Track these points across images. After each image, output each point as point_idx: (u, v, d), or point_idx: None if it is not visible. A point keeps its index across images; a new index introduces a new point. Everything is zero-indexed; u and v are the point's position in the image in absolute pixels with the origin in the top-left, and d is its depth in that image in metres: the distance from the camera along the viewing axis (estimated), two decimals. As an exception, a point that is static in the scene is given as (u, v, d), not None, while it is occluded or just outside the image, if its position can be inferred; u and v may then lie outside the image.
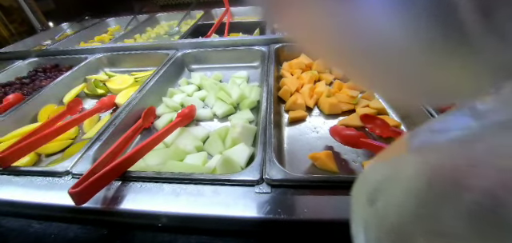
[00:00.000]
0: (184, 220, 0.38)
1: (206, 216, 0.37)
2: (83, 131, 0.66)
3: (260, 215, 0.36)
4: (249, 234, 0.37)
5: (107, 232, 0.40)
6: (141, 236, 0.38)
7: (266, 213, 0.36)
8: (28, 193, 0.44)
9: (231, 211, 0.37)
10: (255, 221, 0.36)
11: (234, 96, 0.65)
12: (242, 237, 0.37)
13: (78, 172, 0.46)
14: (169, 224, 0.38)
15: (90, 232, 0.40)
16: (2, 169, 0.49)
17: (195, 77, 0.78)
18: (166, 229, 0.38)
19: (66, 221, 0.42)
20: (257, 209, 0.37)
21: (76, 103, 0.73)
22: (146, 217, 0.39)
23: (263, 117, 0.53)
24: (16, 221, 0.44)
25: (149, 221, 0.39)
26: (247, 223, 0.37)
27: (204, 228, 0.38)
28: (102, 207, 0.40)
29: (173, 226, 0.38)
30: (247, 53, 0.82)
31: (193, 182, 0.41)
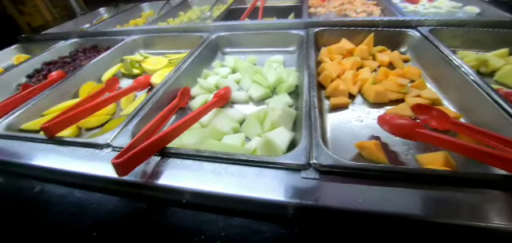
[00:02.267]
0: (226, 201, 0.36)
1: (249, 198, 0.35)
2: (121, 108, 0.67)
3: (308, 202, 0.33)
4: (294, 220, 0.34)
5: (146, 206, 0.39)
6: (180, 213, 0.36)
7: (315, 199, 0.33)
8: (71, 163, 0.45)
9: (276, 195, 0.34)
10: (302, 208, 0.33)
11: (270, 79, 0.62)
12: (286, 222, 0.34)
13: (117, 145, 0.46)
14: (209, 203, 0.37)
15: (129, 205, 0.40)
16: (48, 138, 0.50)
17: (229, 60, 0.76)
18: (206, 208, 0.36)
19: (106, 192, 0.42)
20: (304, 195, 0.34)
21: (113, 81, 0.74)
22: (186, 195, 0.37)
23: (306, 100, 0.49)
24: (59, 188, 0.45)
25: (188, 199, 0.38)
26: (293, 209, 0.34)
27: (246, 210, 0.35)
28: (141, 180, 0.39)
29: (213, 206, 0.36)
30: (283, 37, 0.78)
31: (235, 163, 0.39)
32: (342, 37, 0.73)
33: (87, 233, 0.37)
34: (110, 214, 0.39)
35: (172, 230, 0.35)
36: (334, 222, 0.33)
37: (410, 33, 0.71)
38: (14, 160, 0.49)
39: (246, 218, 0.35)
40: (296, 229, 0.34)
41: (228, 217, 0.35)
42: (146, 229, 0.36)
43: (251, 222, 0.34)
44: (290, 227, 0.34)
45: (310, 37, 0.71)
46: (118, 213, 0.39)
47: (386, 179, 0.35)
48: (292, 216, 0.34)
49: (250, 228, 0.34)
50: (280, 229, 0.34)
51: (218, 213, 0.36)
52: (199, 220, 0.36)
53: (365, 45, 0.70)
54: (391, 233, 0.32)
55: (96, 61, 0.85)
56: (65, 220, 0.40)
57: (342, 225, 0.33)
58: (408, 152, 0.47)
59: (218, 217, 0.35)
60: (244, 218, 0.35)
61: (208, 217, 0.36)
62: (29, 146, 0.51)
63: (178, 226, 0.35)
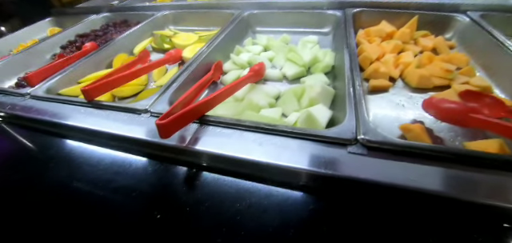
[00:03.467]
0: (268, 170, 0.35)
1: (292, 168, 0.34)
2: (152, 79, 0.68)
3: (358, 175, 0.32)
4: (338, 194, 0.33)
5: (184, 170, 0.39)
6: (219, 180, 0.36)
7: (364, 174, 0.32)
8: (110, 125, 0.45)
9: (322, 167, 0.33)
10: (349, 181, 0.32)
11: (306, 58, 0.60)
12: (330, 196, 0.33)
13: (155, 111, 0.46)
14: (249, 172, 0.36)
15: (168, 169, 0.40)
16: (87, 102, 0.51)
17: (261, 38, 0.74)
18: (246, 176, 0.36)
19: (144, 155, 0.42)
20: (351, 169, 0.32)
21: (145, 54, 0.75)
22: (227, 161, 0.37)
23: (348, 77, 0.47)
24: (97, 149, 0.45)
25: (228, 166, 0.37)
26: (339, 182, 0.32)
27: (289, 181, 0.34)
28: (181, 145, 0.39)
29: (254, 175, 0.36)
30: (317, 17, 0.75)
31: (277, 133, 0.37)
32: (381, 20, 0.69)
33: (125, 193, 0.37)
34: (148, 177, 0.39)
35: (210, 195, 0.35)
36: (383, 199, 0.32)
37: (458, 17, 0.66)
38: (56, 120, 0.50)
39: (288, 189, 0.34)
40: (340, 203, 0.32)
41: (269, 186, 0.34)
42: (183, 193, 0.36)
43: (293, 193, 0.33)
44: (334, 201, 0.33)
45: (347, 18, 0.67)
46: (156, 176, 0.39)
47: (440, 160, 0.33)
48: (337, 190, 0.33)
49: (293, 199, 0.33)
50: (323, 202, 0.33)
51: (259, 181, 0.35)
52: (240, 187, 0.35)
53: (407, 29, 0.65)
54: (443, 215, 0.30)
55: (127, 35, 0.85)
56: (101, 179, 0.40)
57: (390, 202, 0.32)
58: (455, 138, 0.44)
59: (258, 185, 0.35)
60: (286, 189, 0.34)
61: (249, 185, 0.35)
62: (69, 108, 0.52)
63: (218, 192, 0.35)
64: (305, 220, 0.31)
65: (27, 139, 0.53)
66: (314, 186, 0.34)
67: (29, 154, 0.49)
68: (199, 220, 0.32)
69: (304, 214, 0.32)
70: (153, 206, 0.35)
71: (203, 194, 0.35)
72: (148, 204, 0.36)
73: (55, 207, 0.38)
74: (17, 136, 0.55)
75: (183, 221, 0.33)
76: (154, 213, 0.34)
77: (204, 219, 0.32)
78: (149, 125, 0.44)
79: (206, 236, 0.31)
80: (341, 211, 0.32)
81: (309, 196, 0.33)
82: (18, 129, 0.57)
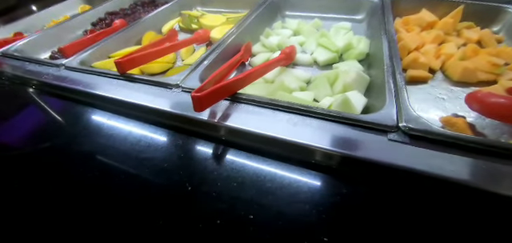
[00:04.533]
0: (304, 151, 0.34)
1: (329, 151, 0.32)
2: (181, 58, 0.68)
3: (398, 163, 0.30)
4: (374, 181, 0.31)
5: (215, 146, 0.38)
6: (251, 157, 0.35)
7: (405, 162, 0.30)
8: (142, 97, 0.46)
9: (359, 152, 0.31)
10: (390, 168, 0.30)
11: (339, 44, 0.58)
12: (366, 182, 0.31)
13: (186, 86, 0.46)
14: (282, 152, 0.35)
15: (198, 143, 0.39)
16: (120, 74, 0.52)
17: (291, 22, 0.72)
18: (279, 156, 0.35)
19: (174, 129, 0.42)
20: (392, 156, 0.31)
21: (173, 33, 0.75)
22: (260, 140, 0.36)
23: (387, 65, 0.44)
24: (128, 121, 0.46)
25: (261, 145, 0.36)
26: (377, 169, 0.31)
27: (323, 164, 0.33)
28: (213, 120, 0.38)
29: (287, 156, 0.35)
30: (351, 2, 0.72)
31: (312, 115, 0.36)
32: (421, 8, 0.65)
33: (156, 164, 0.38)
34: (179, 150, 0.39)
35: (242, 172, 0.34)
36: (425, 189, 0.30)
37: (509, 9, 0.61)
38: (89, 90, 0.52)
39: (321, 172, 0.33)
40: (377, 190, 0.31)
41: (303, 167, 0.33)
42: (214, 169, 0.36)
43: (327, 176, 0.32)
44: (371, 187, 0.31)
45: (385, 4, 0.64)
46: (187, 150, 0.39)
47: (490, 155, 0.31)
48: (374, 176, 0.32)
49: (326, 181, 0.32)
50: (359, 187, 0.31)
51: (292, 162, 0.34)
52: (272, 166, 0.34)
53: (450, 19, 0.61)
54: (492, 213, 0.28)
55: (156, 14, 0.86)
56: (132, 150, 0.41)
57: (433, 194, 0.30)
58: (500, 136, 0.41)
59: (292, 166, 0.34)
60: (320, 171, 0.33)
61: (282, 165, 0.34)
62: (102, 80, 0.54)
63: (249, 170, 0.34)
64: (339, 204, 0.30)
65: (61, 108, 0.55)
66: (350, 171, 0.32)
67: (61, 123, 0.51)
68: (231, 195, 0.32)
69: (338, 198, 0.30)
70: (184, 179, 0.35)
71: (234, 171, 0.35)
72: (179, 176, 0.36)
73: (86, 175, 0.39)
74: (51, 104, 0.57)
75: (215, 195, 0.32)
76: (185, 185, 0.34)
77: (235, 195, 0.32)
78: (180, 99, 0.44)
79: (238, 211, 0.30)
80: (377, 198, 0.30)
81: (343, 180, 0.32)
82: (53, 97, 0.59)
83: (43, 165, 0.42)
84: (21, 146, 0.48)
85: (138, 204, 0.33)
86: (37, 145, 0.48)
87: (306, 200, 0.30)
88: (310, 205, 0.30)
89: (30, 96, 0.62)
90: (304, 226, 0.28)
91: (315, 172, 0.33)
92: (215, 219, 0.30)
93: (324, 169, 0.33)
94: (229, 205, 0.31)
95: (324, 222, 0.29)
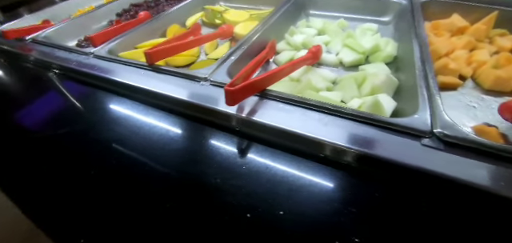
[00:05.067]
0: (334, 151, 0.34)
1: (360, 152, 0.32)
2: (204, 52, 0.69)
3: (433, 169, 0.29)
4: (407, 186, 0.31)
5: (244, 141, 0.39)
6: (280, 155, 0.36)
7: (441, 168, 0.29)
8: (171, 89, 0.47)
9: (393, 156, 0.31)
10: (423, 174, 0.30)
11: (366, 45, 0.57)
12: (399, 187, 0.31)
13: (214, 80, 0.46)
14: (312, 151, 0.35)
15: (227, 137, 0.40)
16: (148, 65, 0.53)
17: (315, 21, 0.71)
18: (309, 155, 0.35)
19: (201, 122, 0.43)
20: (426, 162, 0.30)
21: (197, 27, 0.76)
22: (290, 138, 0.36)
23: (419, 69, 0.44)
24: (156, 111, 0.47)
25: (290, 143, 0.36)
26: (412, 173, 0.31)
27: (354, 165, 0.33)
28: (240, 114, 0.39)
29: (317, 155, 0.35)
30: (378, 3, 0.71)
31: (343, 116, 0.36)
32: (452, 12, 0.63)
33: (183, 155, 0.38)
34: (208, 143, 0.40)
35: (271, 169, 0.34)
36: (459, 197, 0.29)
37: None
38: (118, 79, 0.53)
39: (352, 173, 0.33)
40: (408, 195, 0.30)
41: (332, 167, 0.33)
42: (242, 163, 0.36)
43: (357, 178, 0.32)
44: (402, 192, 0.31)
45: (415, 7, 0.62)
46: (216, 143, 0.40)
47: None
48: (405, 180, 0.31)
49: (356, 183, 0.32)
50: (392, 191, 0.31)
51: (321, 162, 0.34)
52: (301, 165, 0.34)
53: (483, 25, 0.59)
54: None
55: (180, 7, 0.87)
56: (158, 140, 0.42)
57: (468, 202, 0.29)
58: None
59: (321, 166, 0.34)
60: (350, 173, 0.33)
61: (311, 164, 0.34)
62: (130, 69, 0.55)
63: (278, 167, 0.35)
64: (371, 206, 0.30)
65: (90, 95, 0.57)
66: (383, 174, 0.32)
67: (89, 109, 0.53)
68: (260, 190, 0.32)
69: (370, 200, 0.30)
70: (213, 171, 0.35)
71: (263, 167, 0.35)
72: (208, 168, 0.36)
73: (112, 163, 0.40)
74: (80, 91, 0.59)
75: (244, 190, 0.33)
76: (215, 178, 0.34)
77: (265, 190, 0.32)
78: (209, 92, 0.44)
79: (268, 207, 0.31)
80: (410, 203, 0.30)
81: (374, 183, 0.32)
82: (82, 84, 0.61)
83: (73, 150, 0.44)
84: (53, 129, 0.50)
85: (165, 194, 0.34)
86: (67, 128, 0.49)
87: (338, 199, 0.30)
88: (341, 205, 0.30)
89: (60, 81, 0.65)
90: (335, 226, 0.28)
91: (347, 173, 0.33)
92: (245, 213, 0.30)
93: (356, 171, 0.33)
94: (258, 198, 0.31)
95: (355, 223, 0.28)
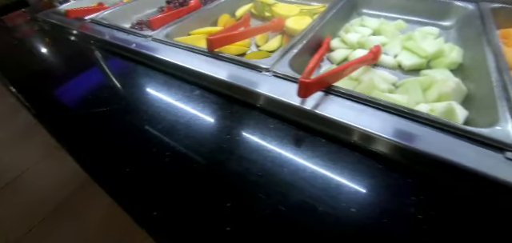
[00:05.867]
0: (407, 154, 0.33)
1: (438, 157, 0.31)
2: (255, 44, 0.70)
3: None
4: (489, 199, 0.30)
5: (309, 136, 0.39)
6: (349, 154, 0.36)
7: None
8: (233, 76, 0.48)
9: (474, 165, 0.30)
10: (508, 187, 0.29)
11: (429, 49, 0.55)
12: (480, 199, 0.30)
13: (277, 71, 0.47)
14: (384, 151, 0.35)
15: (293, 130, 0.40)
16: (208, 51, 0.55)
17: (369, 20, 0.69)
18: (379, 156, 0.35)
19: (265, 112, 0.44)
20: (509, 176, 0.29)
21: (247, 18, 0.77)
22: (360, 137, 0.36)
23: (496, 79, 0.41)
24: (215, 97, 0.49)
25: (360, 142, 0.36)
26: (494, 186, 0.29)
27: (428, 171, 0.32)
28: (310, 109, 0.39)
29: (388, 157, 0.34)
30: (441, 6, 0.67)
31: (416, 120, 0.35)
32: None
33: (246, 141, 0.39)
34: (270, 132, 0.41)
35: (339, 167, 0.35)
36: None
37: None
38: (179, 63, 0.55)
39: (427, 180, 0.32)
40: (489, 208, 0.29)
41: (406, 172, 0.33)
42: (307, 157, 0.36)
43: (434, 186, 0.31)
44: (483, 204, 0.30)
45: (484, 13, 0.59)
46: (279, 133, 0.40)
47: None
48: (487, 193, 0.30)
49: (433, 190, 0.31)
50: (470, 203, 0.30)
51: (390, 165, 0.33)
52: (370, 166, 0.34)
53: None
54: None
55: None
56: (219, 125, 0.43)
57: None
58: None
59: (390, 172, 0.33)
60: (424, 179, 0.32)
61: (379, 166, 0.34)
62: (189, 54, 0.57)
63: (345, 165, 0.35)
64: (448, 214, 0.29)
65: (149, 76, 0.60)
66: (460, 184, 0.31)
67: (147, 92, 0.55)
68: (329, 187, 0.33)
69: (447, 209, 0.29)
70: (276, 161, 0.36)
71: (330, 163, 0.35)
72: (270, 158, 0.37)
73: (170, 146, 0.42)
74: (140, 72, 0.62)
75: (311, 182, 0.33)
76: (283, 168, 0.35)
77: (334, 185, 0.32)
78: (271, 83, 0.45)
79: (338, 203, 0.31)
80: (490, 216, 0.29)
81: (452, 191, 0.31)
82: (141, 65, 0.64)
83: (136, 128, 0.46)
84: (119, 106, 0.53)
85: (223, 181, 0.35)
86: (130, 107, 0.52)
87: (410, 204, 0.30)
88: (410, 209, 0.29)
89: (119, 61, 0.68)
90: (408, 231, 0.28)
91: (420, 177, 0.32)
92: (317, 207, 0.31)
93: (429, 178, 0.32)
94: (328, 196, 0.32)
95: (435, 231, 0.28)
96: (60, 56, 0.81)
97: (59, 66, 0.75)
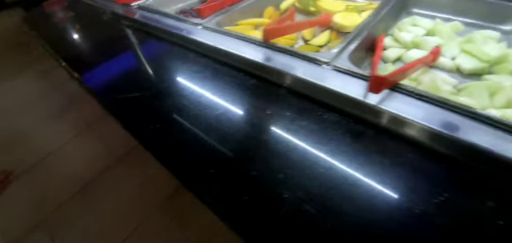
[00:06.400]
0: (483, 158, 0.32)
1: None
2: (302, 38, 0.70)
3: None
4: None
5: (374, 133, 0.39)
6: (421, 153, 0.35)
7: None
8: (293, 68, 0.48)
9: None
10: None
11: (492, 54, 0.53)
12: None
13: (337, 65, 0.47)
14: (456, 155, 0.34)
15: (358, 126, 0.40)
16: (263, 41, 0.56)
17: (423, 21, 0.67)
18: (452, 160, 0.34)
19: (325, 106, 0.44)
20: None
21: (292, 11, 0.77)
22: (434, 138, 0.36)
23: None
24: (270, 87, 0.50)
25: (433, 144, 0.36)
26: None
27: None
28: (376, 105, 0.39)
29: (459, 160, 0.34)
30: (500, 9, 0.64)
31: (493, 124, 0.34)
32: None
33: (309, 134, 0.40)
34: (331, 126, 0.41)
35: (407, 164, 0.34)
36: None
37: None
38: (234, 51, 0.56)
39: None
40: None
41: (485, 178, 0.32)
42: (374, 151, 0.36)
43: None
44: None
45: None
46: (342, 127, 0.40)
47: None
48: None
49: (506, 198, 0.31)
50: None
51: (462, 168, 0.33)
52: (442, 170, 0.34)
53: None
54: None
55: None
56: (280, 115, 0.44)
57: None
58: None
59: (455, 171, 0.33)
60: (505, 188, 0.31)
61: (446, 170, 0.33)
62: (242, 43, 0.58)
63: (417, 163, 0.34)
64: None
65: (201, 64, 0.61)
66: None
67: (198, 81, 0.57)
68: (403, 186, 0.33)
69: None
70: (343, 159, 0.36)
71: (400, 161, 0.35)
72: (338, 154, 0.37)
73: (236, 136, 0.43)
74: (190, 58, 0.64)
75: (387, 178, 0.33)
76: (349, 165, 0.35)
77: (408, 185, 0.32)
78: (332, 76, 0.45)
79: (411, 203, 0.31)
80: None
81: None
82: (191, 52, 0.66)
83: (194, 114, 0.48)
84: (172, 91, 0.55)
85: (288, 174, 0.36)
86: (183, 93, 0.54)
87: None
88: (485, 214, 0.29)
89: (167, 46, 0.71)
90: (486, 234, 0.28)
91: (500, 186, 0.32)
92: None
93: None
94: (405, 196, 0.32)
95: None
96: (108, 40, 0.85)
97: (110, 50, 0.79)
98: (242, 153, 0.40)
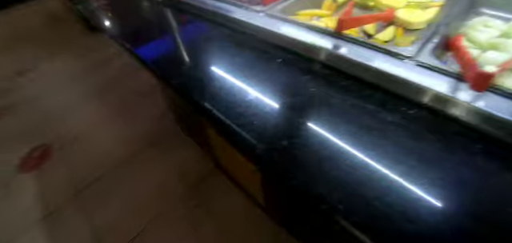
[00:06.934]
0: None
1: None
2: (365, 32, 0.69)
3: None
4: None
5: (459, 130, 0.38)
6: None
7: None
8: (374, 61, 0.48)
9: None
10: None
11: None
12: None
13: (420, 60, 0.46)
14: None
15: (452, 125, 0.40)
16: (335, 32, 0.55)
17: (496, 21, 0.65)
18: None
19: (410, 103, 0.44)
20: None
21: (351, 5, 0.75)
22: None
23: None
24: (345, 81, 0.50)
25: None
26: None
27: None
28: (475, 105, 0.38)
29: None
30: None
31: None
32: None
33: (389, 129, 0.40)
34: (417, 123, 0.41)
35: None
36: None
37: None
38: (304, 40, 0.56)
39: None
40: None
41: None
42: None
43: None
44: None
45: None
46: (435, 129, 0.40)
47: None
48: None
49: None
50: None
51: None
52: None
53: None
54: None
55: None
56: (353, 106, 0.44)
57: None
58: None
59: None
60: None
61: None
62: (313, 33, 0.58)
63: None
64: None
65: (264, 52, 0.62)
66: None
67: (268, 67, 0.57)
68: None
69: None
70: (431, 169, 0.36)
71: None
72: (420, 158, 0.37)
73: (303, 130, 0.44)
74: (251, 46, 0.64)
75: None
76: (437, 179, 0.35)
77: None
78: (414, 71, 0.45)
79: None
80: None
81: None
82: (253, 39, 0.66)
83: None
84: (239, 82, 0.56)
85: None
86: (254, 81, 0.55)
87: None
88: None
89: (227, 31, 0.71)
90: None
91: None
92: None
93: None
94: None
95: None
96: (168, 25, 0.86)
97: (171, 34, 0.81)
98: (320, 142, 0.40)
